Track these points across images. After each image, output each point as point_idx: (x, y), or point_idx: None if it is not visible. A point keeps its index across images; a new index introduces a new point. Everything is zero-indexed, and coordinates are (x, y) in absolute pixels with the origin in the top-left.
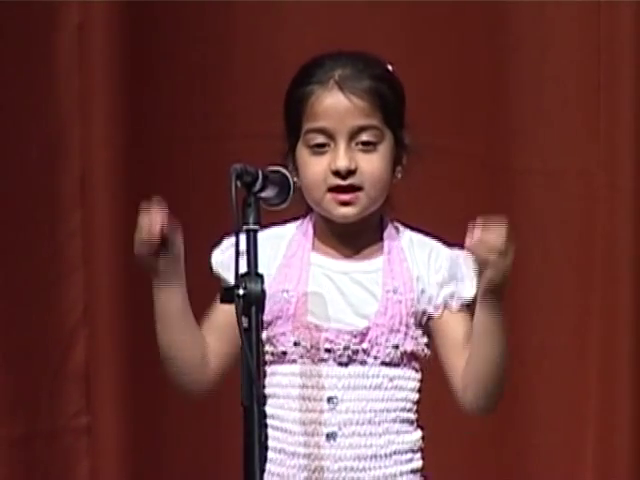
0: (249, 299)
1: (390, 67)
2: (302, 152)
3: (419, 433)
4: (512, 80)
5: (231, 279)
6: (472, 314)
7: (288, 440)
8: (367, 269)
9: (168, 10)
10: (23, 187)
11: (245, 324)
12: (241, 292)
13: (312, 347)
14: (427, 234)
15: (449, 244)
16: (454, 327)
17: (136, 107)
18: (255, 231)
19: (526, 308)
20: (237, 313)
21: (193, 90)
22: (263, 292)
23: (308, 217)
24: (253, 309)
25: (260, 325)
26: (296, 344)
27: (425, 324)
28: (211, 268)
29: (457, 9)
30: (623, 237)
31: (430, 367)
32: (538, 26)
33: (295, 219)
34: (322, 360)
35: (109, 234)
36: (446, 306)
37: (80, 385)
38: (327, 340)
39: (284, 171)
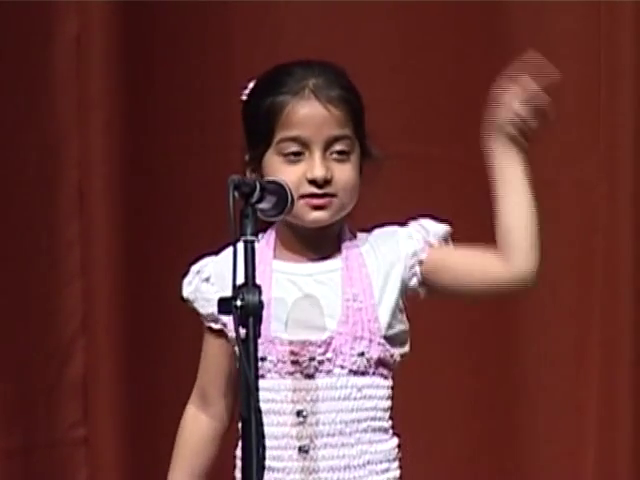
0: (247, 310)
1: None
2: (273, 160)
3: (395, 441)
4: None
5: (202, 309)
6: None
7: None
8: (329, 268)
9: (166, 21)
10: (21, 197)
11: (242, 335)
12: (239, 303)
13: (279, 361)
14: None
15: None
16: (448, 251)
17: (134, 117)
18: (252, 242)
19: (525, 317)
20: (235, 324)
21: (192, 100)
22: (261, 303)
23: (269, 230)
24: (251, 320)
25: (258, 336)
26: (262, 359)
27: (422, 283)
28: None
29: (455, 13)
30: (623, 247)
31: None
32: (537, 32)
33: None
34: (289, 373)
35: (107, 244)
36: (429, 244)
37: (78, 396)
38: (292, 353)
39: (282, 182)
